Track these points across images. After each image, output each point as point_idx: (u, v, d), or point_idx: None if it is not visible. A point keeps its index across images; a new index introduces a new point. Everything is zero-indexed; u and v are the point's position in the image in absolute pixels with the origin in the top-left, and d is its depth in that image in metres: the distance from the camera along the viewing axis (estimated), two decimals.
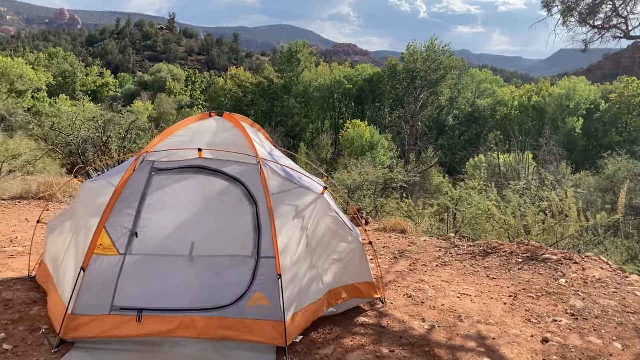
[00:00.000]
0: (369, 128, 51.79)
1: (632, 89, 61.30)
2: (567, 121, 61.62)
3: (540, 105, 64.65)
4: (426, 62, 64.08)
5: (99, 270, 4.26)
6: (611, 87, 68.84)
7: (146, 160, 4.55)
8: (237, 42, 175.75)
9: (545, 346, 4.88)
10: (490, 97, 67.45)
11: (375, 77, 67.94)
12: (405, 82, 65.30)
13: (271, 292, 4.33)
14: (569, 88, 63.84)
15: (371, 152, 49.53)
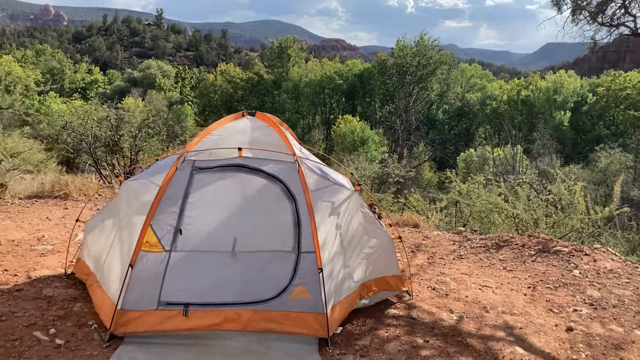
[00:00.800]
0: (360, 123, 51.98)
1: (619, 82, 61.99)
2: (555, 115, 62.18)
3: (529, 100, 65.22)
4: (416, 57, 64.39)
5: (146, 267, 4.39)
6: (598, 80, 69.65)
7: (187, 159, 4.68)
8: (225, 37, 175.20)
9: (570, 335, 5.09)
10: (480, 91, 67.91)
11: (365, 73, 68.15)
12: (395, 77, 65.61)
13: (312, 285, 4.49)
14: (556, 82, 64.45)
15: (362, 147, 49.75)
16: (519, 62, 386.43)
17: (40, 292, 5.07)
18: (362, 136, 51.60)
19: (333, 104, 71.29)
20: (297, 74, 69.44)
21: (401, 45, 65.51)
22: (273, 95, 69.96)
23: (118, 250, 4.64)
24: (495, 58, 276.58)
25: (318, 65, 73.40)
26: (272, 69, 72.25)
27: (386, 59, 67.45)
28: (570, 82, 64.50)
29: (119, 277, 4.46)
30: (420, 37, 65.36)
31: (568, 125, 62.03)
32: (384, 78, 66.43)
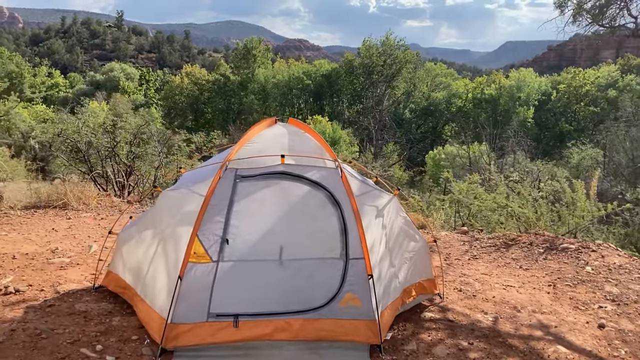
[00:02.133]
0: (331, 124, 52.13)
1: (579, 79, 63.80)
2: (519, 112, 63.50)
3: (492, 97, 66.44)
4: (382, 56, 64.97)
5: (194, 278, 4.31)
6: (559, 78, 71.33)
7: (229, 168, 4.61)
8: (188, 39, 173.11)
9: (604, 332, 5.21)
10: (445, 90, 68.83)
11: (333, 73, 68.36)
12: (362, 77, 66.06)
13: (362, 292, 4.48)
14: (519, 79, 65.81)
15: (334, 147, 49.86)
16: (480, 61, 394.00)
17: (73, 307, 4.92)
18: (333, 136, 51.73)
19: (301, 105, 71.26)
20: (263, 75, 69.22)
21: (367, 45, 65.99)
22: (240, 96, 69.51)
23: (162, 262, 4.54)
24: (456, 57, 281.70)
25: (285, 66, 73.32)
26: (238, 70, 71.80)
27: (353, 59, 67.82)
28: (532, 79, 65.95)
29: (166, 289, 4.37)
30: (386, 37, 66.00)
31: (532, 121, 63.45)
32: (351, 78, 66.78)
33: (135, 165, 11.08)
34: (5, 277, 5.50)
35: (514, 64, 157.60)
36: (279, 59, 78.14)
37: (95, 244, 6.76)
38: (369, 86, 66.31)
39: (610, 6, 7.36)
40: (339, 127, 53.45)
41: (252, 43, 71.35)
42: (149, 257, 4.69)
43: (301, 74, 68.37)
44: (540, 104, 65.20)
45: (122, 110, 54.98)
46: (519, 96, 64.59)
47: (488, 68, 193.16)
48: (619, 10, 7.43)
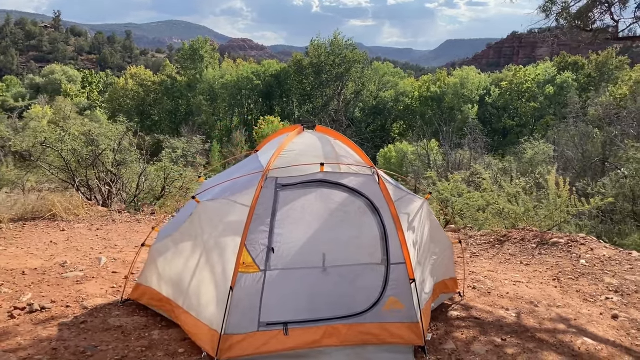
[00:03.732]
0: (282, 124, 52.20)
1: (520, 76, 66.10)
2: (464, 109, 65.21)
3: (438, 95, 68.03)
4: (331, 56, 65.49)
5: (244, 288, 4.31)
6: (501, 75, 73.64)
7: (269, 177, 4.62)
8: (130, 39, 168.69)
9: (619, 322, 5.51)
10: (393, 88, 69.91)
11: (282, 73, 68.37)
12: (312, 76, 66.35)
13: (404, 295, 4.58)
14: (462, 77, 67.58)
15: None
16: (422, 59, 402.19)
17: (107, 322, 4.81)
18: None
19: (251, 105, 70.95)
20: (212, 75, 68.47)
21: (316, 44, 66.38)
22: (188, 97, 68.56)
23: (208, 274, 4.50)
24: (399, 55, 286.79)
25: (233, 66, 72.73)
26: (185, 70, 70.73)
27: (302, 58, 68.01)
28: (475, 77, 67.86)
29: (215, 300, 4.34)
30: (334, 36, 66.58)
31: (476, 118, 65.30)
32: (300, 78, 66.97)
33: (120, 172, 10.80)
34: (24, 295, 5.31)
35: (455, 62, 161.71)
36: (226, 59, 77.37)
37: (104, 257, 6.60)
38: (318, 86, 66.69)
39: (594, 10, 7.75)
40: None
41: (199, 43, 70.43)
42: (191, 269, 4.64)
43: (250, 74, 68.08)
44: (483, 100, 67.20)
45: (66, 114, 53.34)
46: (463, 93, 66.33)
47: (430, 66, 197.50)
48: (601, 15, 7.85)
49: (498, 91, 66.91)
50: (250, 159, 5.64)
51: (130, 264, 6.49)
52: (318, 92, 67.20)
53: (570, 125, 26.32)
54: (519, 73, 67.23)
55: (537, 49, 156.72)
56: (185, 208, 5.06)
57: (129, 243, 7.38)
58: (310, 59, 66.10)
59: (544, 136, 27.33)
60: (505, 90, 66.19)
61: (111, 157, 10.68)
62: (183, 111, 69.20)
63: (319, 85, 66.57)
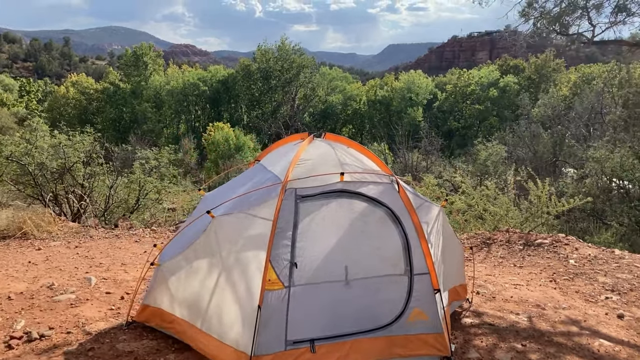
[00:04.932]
0: (235, 130, 51.64)
1: (464, 79, 67.79)
2: (411, 112, 66.31)
3: (386, 99, 68.95)
4: (279, 61, 65.30)
5: (270, 306, 4.10)
6: (445, 78, 75.29)
7: (288, 188, 4.42)
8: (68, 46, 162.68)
9: (626, 322, 5.59)
10: (341, 93, 70.35)
11: (229, 78, 67.67)
12: (260, 82, 65.94)
13: (428, 306, 4.48)
14: (409, 81, 68.74)
15: (239, 153, 49.45)
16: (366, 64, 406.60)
17: (115, 347, 4.49)
18: (237, 143, 51.29)
19: (198, 112, 69.89)
20: (157, 81, 67.06)
21: (263, 50, 66.03)
22: (132, 105, 66.78)
23: (229, 293, 4.25)
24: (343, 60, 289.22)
25: (178, 72, 71.44)
26: (128, 77, 68.85)
27: (249, 64, 67.52)
28: (421, 81, 69.13)
29: (240, 320, 4.11)
30: (282, 41, 66.43)
31: (422, 120, 66.46)
32: (249, 83, 66.38)
33: (92, 186, 10.24)
34: (16, 322, 4.89)
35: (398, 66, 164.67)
36: (172, 65, 75.92)
37: (93, 276, 6.19)
38: (267, 91, 66.31)
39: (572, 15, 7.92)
40: (242, 133, 53.07)
41: (142, 49, 68.78)
42: (210, 288, 4.37)
43: (197, 80, 67.05)
44: (429, 103, 68.55)
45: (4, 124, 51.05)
46: (409, 97, 67.45)
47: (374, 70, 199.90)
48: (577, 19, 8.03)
49: (444, 95, 68.36)
50: (255, 170, 5.41)
51: (122, 283, 6.17)
52: (267, 97, 66.78)
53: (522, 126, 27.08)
54: (463, 76, 68.91)
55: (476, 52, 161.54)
56: (194, 223, 4.77)
57: (114, 260, 6.98)
58: (258, 64, 65.68)
59: (488, 137, 27.91)
60: (450, 93, 67.68)
61: (82, 170, 10.16)
62: (127, 119, 67.36)
63: (267, 90, 66.17)
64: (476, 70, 72.52)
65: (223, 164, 44.92)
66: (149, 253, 7.48)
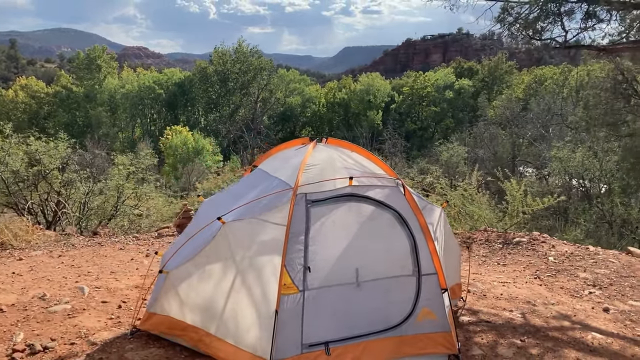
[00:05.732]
0: (194, 134, 51.08)
1: (420, 81, 68.90)
2: (370, 114, 67.00)
3: (344, 102, 69.48)
4: (236, 63, 64.96)
5: (286, 311, 4.14)
6: (401, 81, 76.29)
7: (298, 194, 4.47)
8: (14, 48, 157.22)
9: (612, 315, 5.85)
10: (300, 95, 70.47)
11: (186, 81, 66.86)
12: (217, 84, 65.44)
13: (436, 306, 4.60)
14: (368, 84, 69.43)
15: (198, 157, 48.97)
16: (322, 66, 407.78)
17: (123, 357, 4.42)
18: (196, 146, 50.77)
19: (154, 115, 68.80)
20: (111, 85, 65.68)
21: (220, 52, 65.54)
22: (86, 109, 65.17)
23: (245, 296, 4.26)
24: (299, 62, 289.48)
25: (133, 75, 70.15)
26: (81, 81, 67.17)
27: (206, 66, 66.91)
28: (380, 83, 69.91)
29: (257, 325, 4.14)
30: (239, 44, 66.11)
31: (381, 123, 67.25)
32: (206, 86, 65.78)
33: (69, 193, 9.96)
34: (15, 335, 4.76)
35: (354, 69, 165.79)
36: (126, 67, 74.50)
37: (85, 286, 6.07)
38: (225, 94, 65.86)
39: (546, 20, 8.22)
40: (201, 136, 52.53)
41: (95, 52, 67.28)
42: (224, 292, 4.36)
43: (152, 83, 66.01)
44: (387, 105, 69.39)
45: None
46: (368, 99, 68.12)
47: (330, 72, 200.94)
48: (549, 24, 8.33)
49: (401, 97, 69.27)
50: (256, 176, 5.42)
51: (115, 291, 6.07)
52: (224, 100, 66.31)
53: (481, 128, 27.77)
54: (419, 78, 69.99)
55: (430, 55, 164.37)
56: (204, 230, 4.72)
57: (102, 269, 6.85)
58: (215, 66, 65.17)
59: (445, 138, 28.55)
60: (408, 96, 68.65)
61: (59, 176, 9.88)
62: (81, 123, 65.71)
63: (225, 93, 65.72)
64: (432, 73, 73.82)
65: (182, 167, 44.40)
66: (138, 261, 7.42)
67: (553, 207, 15.12)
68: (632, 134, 13.24)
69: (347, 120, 69.09)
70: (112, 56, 72.61)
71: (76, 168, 10.34)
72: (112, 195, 10.42)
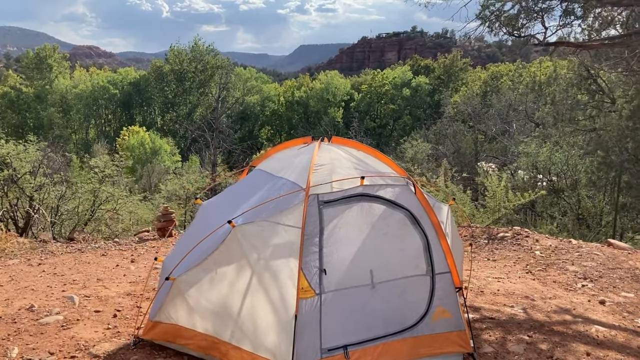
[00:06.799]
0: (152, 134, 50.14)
1: (379, 79, 69.39)
2: (330, 112, 67.08)
3: (303, 100, 69.40)
4: (192, 62, 64.07)
5: (304, 315, 4.01)
6: (360, 79, 76.69)
7: (310, 194, 4.33)
8: None
9: (608, 307, 5.93)
10: (258, 94, 69.99)
11: (141, 80, 65.55)
12: (173, 84, 64.41)
13: (451, 304, 4.55)
14: (327, 82, 69.52)
15: (155, 157, 48.11)
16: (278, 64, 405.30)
17: None
18: (153, 147, 49.87)
19: (109, 116, 67.21)
20: (63, 85, 63.81)
21: (176, 51, 64.51)
22: (37, 110, 63.06)
23: (262, 298, 4.09)
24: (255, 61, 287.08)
25: (86, 75, 68.35)
26: (31, 81, 65.02)
27: (162, 65, 65.74)
28: (338, 82, 70.07)
29: (275, 328, 4.00)
30: (195, 42, 65.24)
31: (341, 121, 67.45)
32: (162, 85, 64.68)
33: (42, 197, 9.48)
34: (10, 350, 4.46)
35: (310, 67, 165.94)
36: (78, 67, 72.52)
37: (74, 295, 5.77)
38: (181, 93, 64.84)
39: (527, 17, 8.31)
40: (157, 136, 51.62)
41: (46, 51, 65.24)
42: (240, 291, 4.15)
43: (106, 82, 64.48)
44: (347, 103, 69.62)
45: None
46: (327, 98, 68.19)
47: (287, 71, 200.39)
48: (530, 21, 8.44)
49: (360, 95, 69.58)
50: (258, 177, 5.23)
51: (107, 300, 5.80)
52: (181, 99, 65.28)
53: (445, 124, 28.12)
54: (377, 76, 70.46)
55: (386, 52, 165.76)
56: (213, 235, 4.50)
57: (87, 277, 6.53)
58: (171, 65, 64.11)
59: (405, 136, 28.85)
60: (366, 94, 69.03)
61: (32, 181, 9.40)
62: (32, 125, 63.53)
63: (182, 92, 64.70)
64: (390, 70, 74.42)
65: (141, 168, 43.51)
66: (124, 267, 7.13)
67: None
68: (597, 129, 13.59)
69: (307, 118, 69.07)
70: (63, 55, 70.60)
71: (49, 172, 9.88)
72: (87, 199, 10.01)
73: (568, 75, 15.29)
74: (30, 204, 9.31)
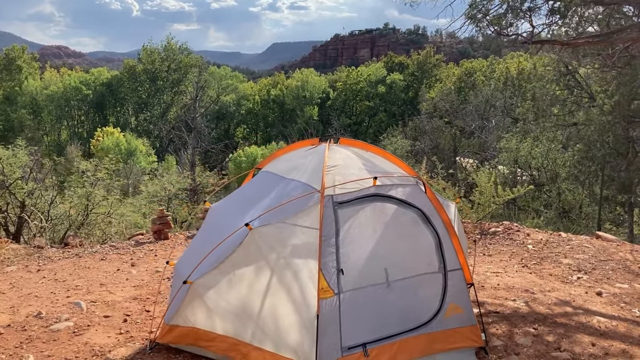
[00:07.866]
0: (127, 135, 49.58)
1: (354, 76, 69.66)
2: (306, 110, 67.11)
3: (279, 98, 69.28)
4: (165, 61, 63.49)
5: (325, 314, 4.08)
6: (335, 76, 76.82)
7: (325, 196, 4.39)
8: None
9: (605, 298, 6.12)
10: (233, 92, 69.65)
11: (114, 81, 64.69)
12: (147, 83, 63.74)
13: (462, 300, 4.67)
14: (302, 80, 69.48)
15: (130, 158, 47.58)
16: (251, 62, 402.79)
17: None
18: (129, 148, 49.35)
19: (82, 117, 66.19)
20: (33, 86, 62.62)
21: (148, 50, 63.82)
22: (7, 112, 61.75)
23: (283, 296, 4.14)
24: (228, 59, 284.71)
25: (57, 76, 67.17)
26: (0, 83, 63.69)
27: (135, 64, 64.97)
28: (314, 79, 70.08)
29: (296, 328, 4.07)
30: (167, 41, 64.60)
31: (317, 119, 67.54)
32: (135, 85, 63.91)
33: (34, 202, 9.32)
34: (25, 358, 4.44)
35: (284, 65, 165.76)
36: (49, 68, 71.24)
37: (81, 301, 5.73)
38: (155, 93, 64.22)
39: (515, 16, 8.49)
40: (133, 137, 51.05)
41: (14, 52, 63.91)
42: (261, 291, 4.20)
43: (78, 83, 63.48)
44: (322, 101, 69.70)
45: None
46: (303, 95, 68.18)
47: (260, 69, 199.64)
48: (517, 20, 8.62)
49: (335, 93, 69.71)
50: (266, 178, 5.28)
51: (114, 304, 5.78)
52: (155, 99, 64.65)
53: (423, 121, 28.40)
54: (352, 74, 70.70)
55: (359, 50, 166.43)
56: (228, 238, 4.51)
57: (90, 282, 6.49)
58: (144, 65, 63.41)
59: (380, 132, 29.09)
60: (342, 91, 69.21)
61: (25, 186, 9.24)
62: (2, 127, 62.28)
63: (155, 92, 64.08)
64: (364, 68, 74.69)
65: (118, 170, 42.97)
66: (125, 271, 7.10)
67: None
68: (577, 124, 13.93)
69: (282, 116, 69.00)
70: (33, 56, 69.31)
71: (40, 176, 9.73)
72: (80, 203, 9.89)
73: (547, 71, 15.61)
74: (22, 210, 9.17)
